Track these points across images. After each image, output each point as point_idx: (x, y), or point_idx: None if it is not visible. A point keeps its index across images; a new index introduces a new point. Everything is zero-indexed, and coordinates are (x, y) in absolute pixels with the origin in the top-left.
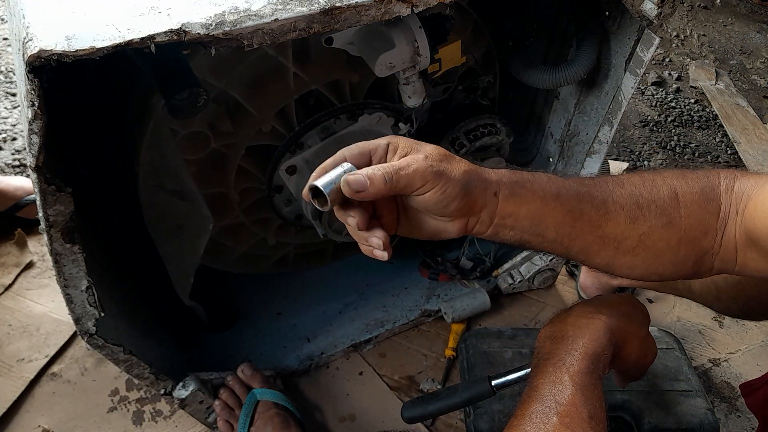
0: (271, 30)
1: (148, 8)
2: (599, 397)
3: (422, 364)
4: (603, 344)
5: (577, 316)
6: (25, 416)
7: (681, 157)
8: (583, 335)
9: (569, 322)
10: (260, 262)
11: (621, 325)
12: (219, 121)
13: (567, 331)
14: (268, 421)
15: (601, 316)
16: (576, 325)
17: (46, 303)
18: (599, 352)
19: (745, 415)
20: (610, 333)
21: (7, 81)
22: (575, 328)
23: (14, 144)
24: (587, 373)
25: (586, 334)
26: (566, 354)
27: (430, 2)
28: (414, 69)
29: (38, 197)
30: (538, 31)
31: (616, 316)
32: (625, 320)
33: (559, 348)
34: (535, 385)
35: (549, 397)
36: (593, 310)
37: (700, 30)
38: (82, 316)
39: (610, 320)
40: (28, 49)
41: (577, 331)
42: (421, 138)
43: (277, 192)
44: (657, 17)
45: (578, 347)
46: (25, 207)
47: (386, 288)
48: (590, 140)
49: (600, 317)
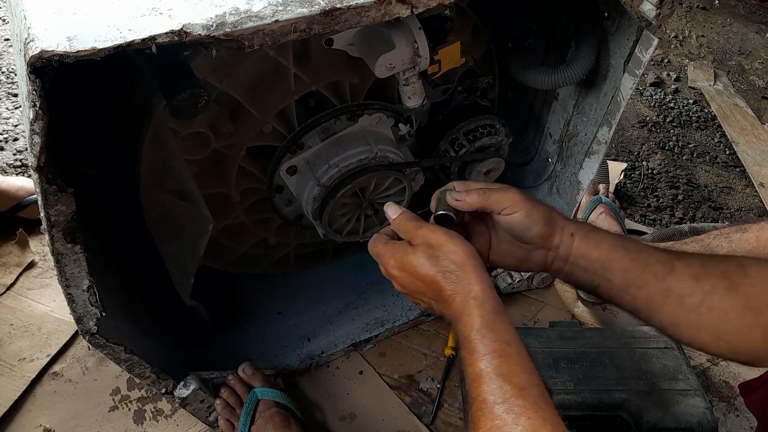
0: (272, 31)
1: (150, 9)
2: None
3: (422, 363)
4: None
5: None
6: (27, 415)
7: (680, 157)
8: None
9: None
10: (261, 262)
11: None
12: (220, 122)
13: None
14: (269, 419)
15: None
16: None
17: (47, 302)
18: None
19: (744, 415)
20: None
21: (9, 82)
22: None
23: (16, 144)
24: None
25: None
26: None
27: (430, 3)
28: (414, 70)
29: (40, 197)
30: (537, 32)
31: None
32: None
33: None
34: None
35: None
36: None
37: (699, 31)
38: (84, 316)
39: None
40: (29, 49)
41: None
42: (422, 137)
43: (278, 192)
44: (656, 18)
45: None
46: (27, 207)
47: (386, 287)
48: (589, 141)
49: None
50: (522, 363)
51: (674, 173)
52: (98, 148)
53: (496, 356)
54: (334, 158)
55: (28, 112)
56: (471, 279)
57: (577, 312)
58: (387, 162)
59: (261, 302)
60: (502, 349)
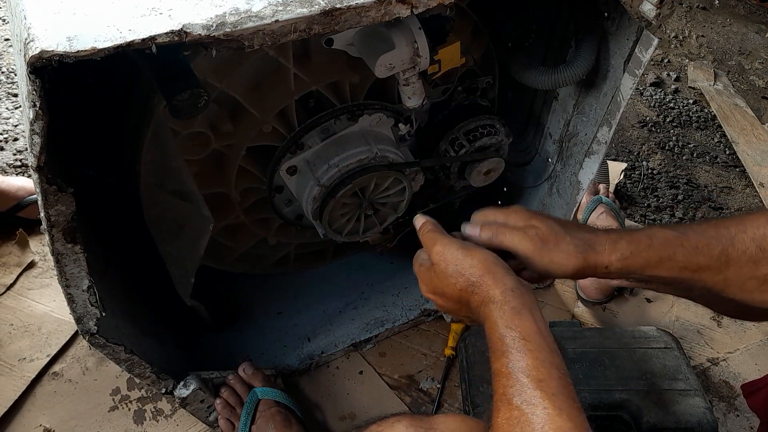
0: (272, 31)
1: (150, 9)
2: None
3: (422, 363)
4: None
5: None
6: (27, 415)
7: (679, 157)
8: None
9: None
10: (261, 262)
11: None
12: (220, 122)
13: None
14: (270, 419)
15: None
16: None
17: (47, 302)
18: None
19: (744, 415)
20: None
21: (9, 82)
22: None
23: (16, 144)
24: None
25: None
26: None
27: (430, 3)
28: (414, 70)
29: (40, 197)
30: (537, 32)
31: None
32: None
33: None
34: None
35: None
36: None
37: (699, 31)
38: (84, 316)
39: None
40: (29, 49)
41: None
42: (422, 137)
43: (278, 192)
44: (655, 18)
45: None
46: (27, 207)
47: (386, 287)
48: (589, 141)
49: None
50: (542, 357)
51: (674, 173)
52: (98, 148)
53: (515, 352)
54: (334, 158)
55: (28, 112)
56: (490, 286)
57: (577, 312)
58: (387, 162)
59: (261, 302)
60: (521, 345)
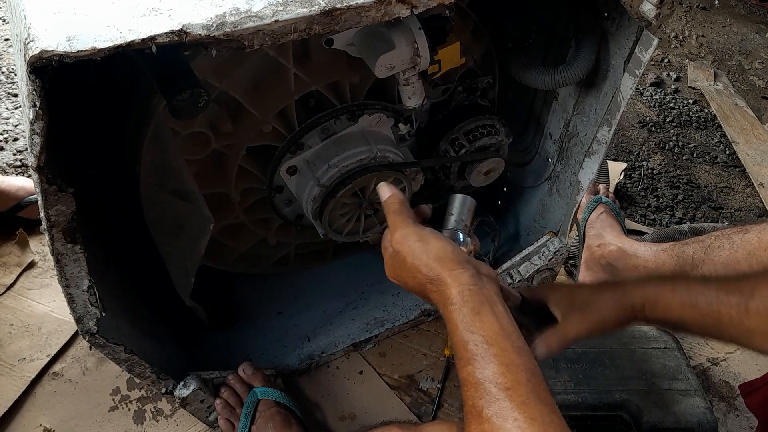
0: (272, 31)
1: (150, 9)
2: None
3: (422, 363)
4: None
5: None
6: (27, 415)
7: (680, 157)
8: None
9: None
10: (261, 262)
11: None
12: (220, 122)
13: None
14: (270, 419)
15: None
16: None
17: (47, 302)
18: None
19: (744, 415)
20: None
21: (9, 82)
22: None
23: (16, 144)
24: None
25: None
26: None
27: (430, 3)
28: (414, 70)
29: (40, 197)
30: (537, 32)
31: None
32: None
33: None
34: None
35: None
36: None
37: (699, 31)
38: (84, 316)
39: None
40: (29, 49)
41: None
42: (422, 137)
43: (278, 192)
44: (656, 18)
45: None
46: (27, 207)
47: (386, 287)
48: (589, 141)
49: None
50: (507, 361)
51: (674, 173)
52: (98, 148)
53: (480, 359)
54: (334, 158)
55: (28, 112)
56: (447, 285)
57: None
58: (387, 162)
59: (261, 302)
60: (484, 351)
